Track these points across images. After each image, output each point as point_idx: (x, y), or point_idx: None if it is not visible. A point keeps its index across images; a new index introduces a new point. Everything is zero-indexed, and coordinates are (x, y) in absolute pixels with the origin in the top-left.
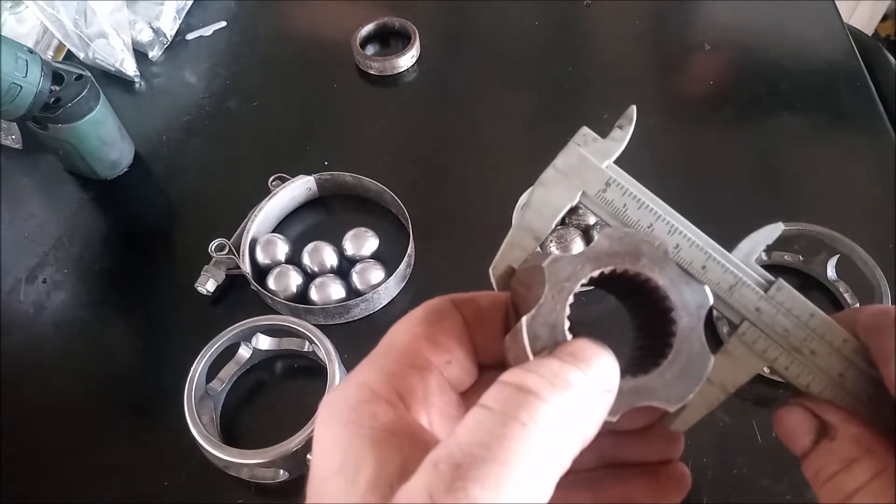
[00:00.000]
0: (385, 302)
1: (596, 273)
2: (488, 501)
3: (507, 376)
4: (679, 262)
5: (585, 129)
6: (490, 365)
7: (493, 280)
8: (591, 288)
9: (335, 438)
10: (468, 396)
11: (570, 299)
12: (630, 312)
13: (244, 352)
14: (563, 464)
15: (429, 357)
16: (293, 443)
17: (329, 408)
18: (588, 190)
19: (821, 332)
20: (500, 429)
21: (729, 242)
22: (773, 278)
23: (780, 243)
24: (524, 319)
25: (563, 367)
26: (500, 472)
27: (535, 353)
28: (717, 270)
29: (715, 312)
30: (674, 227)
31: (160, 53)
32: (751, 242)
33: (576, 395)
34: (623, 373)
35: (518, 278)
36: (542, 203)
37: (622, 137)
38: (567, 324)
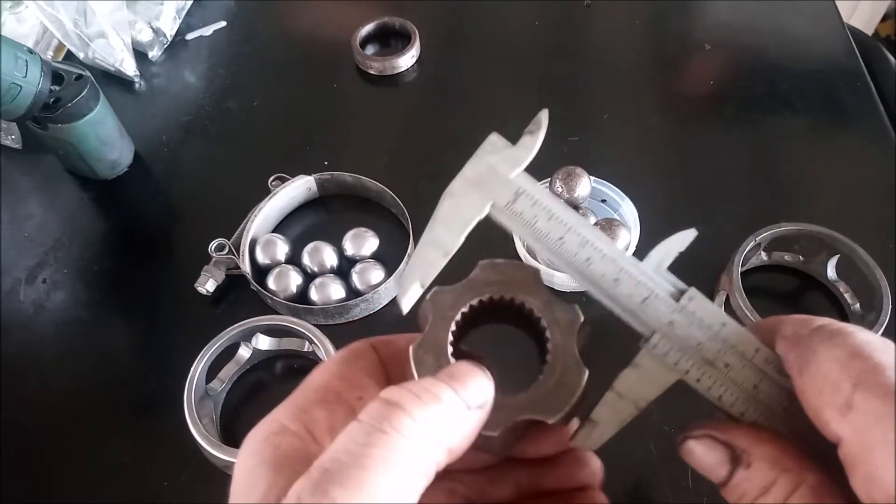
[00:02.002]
0: (385, 302)
1: (475, 301)
2: (347, 501)
3: (383, 392)
4: (591, 276)
5: (494, 136)
6: None
7: (400, 302)
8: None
9: (244, 467)
10: None
11: (453, 326)
12: (530, 338)
13: (244, 352)
14: (426, 470)
15: (341, 393)
16: None
17: (247, 441)
18: (497, 201)
19: (733, 343)
20: (365, 437)
21: (728, 242)
22: (685, 286)
23: (781, 243)
24: (411, 347)
25: (435, 385)
26: (360, 476)
27: (421, 377)
28: (629, 283)
29: (717, 303)
30: (585, 239)
31: (160, 53)
32: (662, 250)
33: (440, 409)
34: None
35: (420, 312)
36: (450, 215)
37: (532, 144)
38: (450, 349)
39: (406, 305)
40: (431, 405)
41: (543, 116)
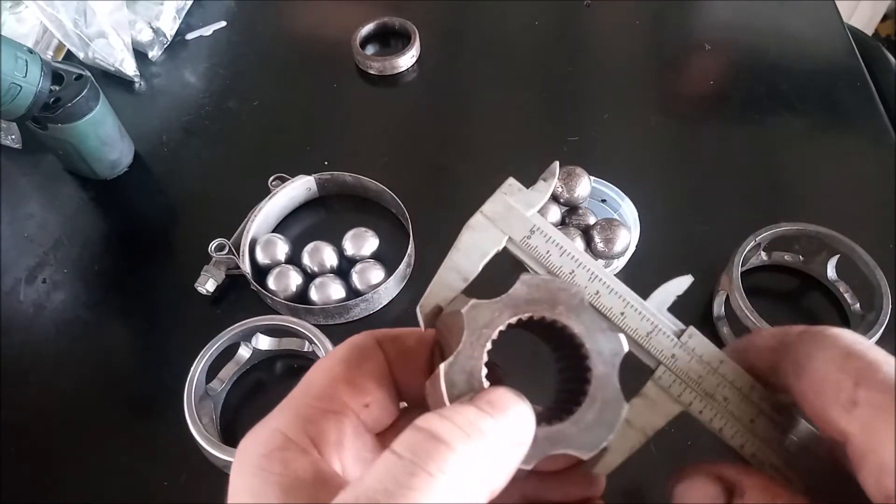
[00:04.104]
0: (385, 302)
1: (514, 320)
2: None
3: (422, 421)
4: (599, 309)
5: (511, 180)
6: (413, 403)
7: (420, 319)
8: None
9: (247, 486)
10: (386, 436)
11: (489, 346)
12: (553, 356)
13: (244, 352)
14: None
15: (346, 400)
16: None
17: (243, 455)
18: (514, 236)
19: (730, 379)
20: (407, 478)
21: (728, 242)
22: (683, 326)
23: (781, 243)
24: (442, 367)
25: (479, 416)
26: None
27: (452, 400)
28: (635, 318)
29: (715, 312)
30: (594, 274)
31: (160, 53)
32: (663, 293)
33: (487, 447)
34: (543, 419)
35: (442, 321)
36: (470, 246)
37: (545, 189)
38: (484, 371)
39: (426, 324)
40: (477, 441)
41: (555, 167)
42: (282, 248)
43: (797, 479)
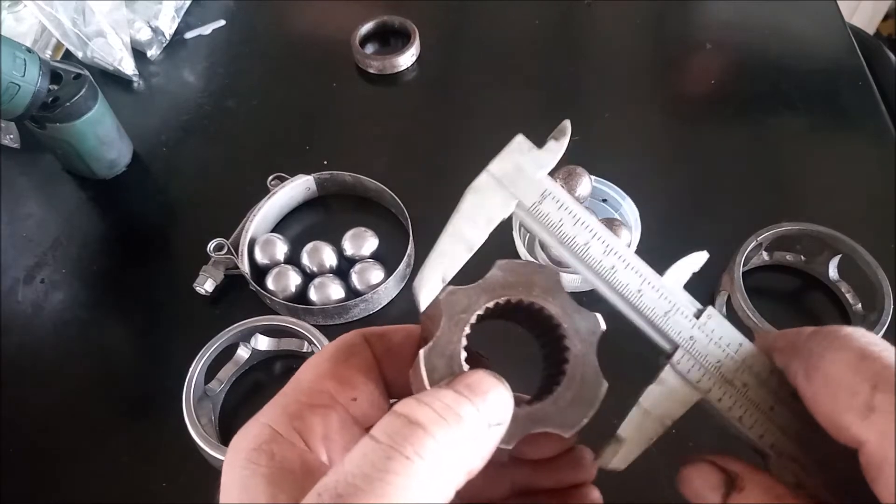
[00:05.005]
0: (384, 302)
1: (491, 304)
2: None
3: (400, 406)
4: (614, 284)
5: (520, 137)
6: (403, 398)
7: (416, 297)
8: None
9: (236, 479)
10: None
11: (467, 330)
12: (537, 342)
13: (243, 352)
14: (447, 495)
15: (333, 394)
16: None
17: (233, 450)
18: (524, 200)
19: (749, 363)
20: (385, 462)
21: (730, 242)
22: (701, 306)
23: (782, 243)
24: (422, 352)
25: (457, 400)
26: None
27: (433, 384)
28: (653, 296)
29: (718, 304)
30: (609, 247)
31: (159, 52)
32: (678, 269)
33: (464, 430)
34: (530, 400)
35: (425, 312)
36: (475, 210)
37: (557, 149)
38: (464, 354)
39: (424, 301)
40: (454, 426)
41: (567, 125)
42: (281, 248)
43: (816, 471)
